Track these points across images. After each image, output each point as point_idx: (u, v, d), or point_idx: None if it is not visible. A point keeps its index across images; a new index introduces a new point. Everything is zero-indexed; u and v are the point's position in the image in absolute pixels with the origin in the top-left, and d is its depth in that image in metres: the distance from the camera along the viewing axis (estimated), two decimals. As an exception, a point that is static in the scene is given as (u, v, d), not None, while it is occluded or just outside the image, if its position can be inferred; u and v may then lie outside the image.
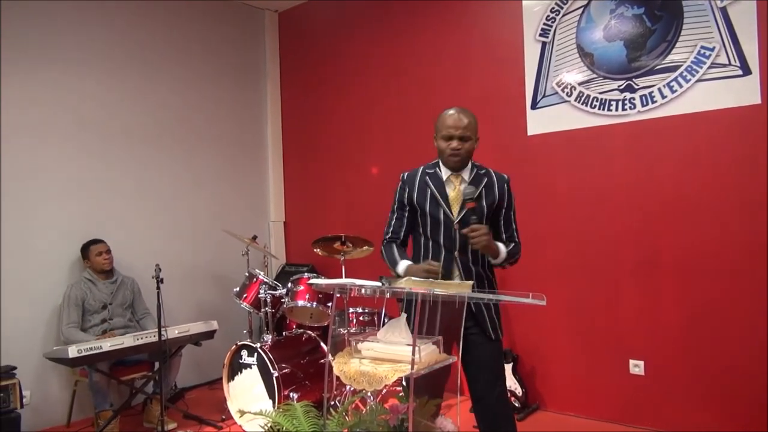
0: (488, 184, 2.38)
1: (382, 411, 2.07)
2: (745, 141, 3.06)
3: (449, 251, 2.33)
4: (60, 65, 3.95)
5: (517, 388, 3.65)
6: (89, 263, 3.82)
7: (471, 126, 2.33)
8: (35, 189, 3.82)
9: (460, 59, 4.15)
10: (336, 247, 3.81)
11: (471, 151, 2.36)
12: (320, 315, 3.88)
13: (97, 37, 4.16)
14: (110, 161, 4.20)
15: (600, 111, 3.52)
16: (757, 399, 3.01)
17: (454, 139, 2.31)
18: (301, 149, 5.28)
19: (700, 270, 3.20)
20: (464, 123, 2.31)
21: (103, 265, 3.81)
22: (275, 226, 5.31)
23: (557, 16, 3.68)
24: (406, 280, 1.97)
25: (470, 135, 2.33)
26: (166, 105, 4.56)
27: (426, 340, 1.95)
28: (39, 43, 3.86)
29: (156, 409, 3.61)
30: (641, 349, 3.40)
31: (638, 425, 3.40)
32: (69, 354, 3.06)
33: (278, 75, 5.39)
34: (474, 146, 2.37)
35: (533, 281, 3.75)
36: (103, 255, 3.82)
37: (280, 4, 5.27)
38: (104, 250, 3.84)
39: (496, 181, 2.40)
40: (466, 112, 2.35)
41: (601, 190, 3.55)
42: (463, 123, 2.31)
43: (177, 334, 3.46)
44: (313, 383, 3.58)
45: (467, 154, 2.35)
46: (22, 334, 3.67)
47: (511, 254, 2.37)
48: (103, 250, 3.83)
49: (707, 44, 3.14)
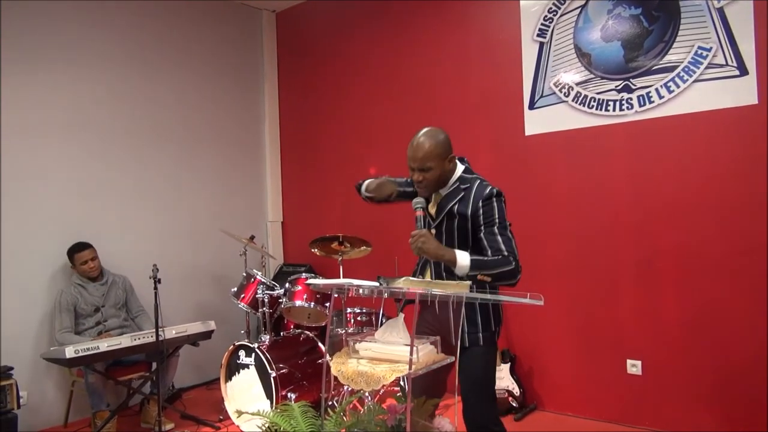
0: (463, 197, 2.24)
1: (379, 411, 2.07)
2: (743, 141, 3.07)
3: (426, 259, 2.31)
4: (58, 65, 3.95)
5: (515, 388, 3.66)
6: (75, 269, 3.76)
7: (430, 155, 2.20)
8: (32, 189, 3.81)
9: (458, 59, 4.15)
10: (334, 247, 3.81)
11: (438, 177, 2.24)
12: (318, 315, 3.88)
13: (95, 38, 4.15)
14: (107, 162, 4.19)
15: (597, 111, 3.53)
16: (755, 399, 3.01)
17: (415, 171, 2.24)
18: (299, 149, 5.28)
19: (697, 270, 3.21)
20: (420, 154, 2.20)
21: (90, 272, 3.73)
22: (273, 226, 5.31)
23: (555, 17, 3.69)
24: (403, 280, 1.97)
25: (430, 165, 2.20)
26: (163, 105, 4.55)
27: (424, 340, 1.96)
28: (38, 43, 3.85)
29: (153, 409, 3.61)
30: (639, 349, 3.41)
31: (636, 425, 3.41)
32: (66, 354, 3.05)
33: (276, 75, 5.39)
34: (441, 171, 2.24)
35: (531, 281, 3.72)
36: (89, 263, 3.71)
37: (277, 4, 5.27)
38: (89, 258, 3.72)
39: (473, 196, 2.23)
40: (427, 137, 2.23)
41: (598, 190, 3.55)
42: (419, 154, 2.21)
43: (174, 335, 3.45)
44: (311, 383, 3.58)
45: (433, 182, 2.25)
46: (19, 335, 3.66)
47: (484, 264, 2.12)
48: (89, 258, 3.71)
49: (704, 45, 3.14)
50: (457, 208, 2.24)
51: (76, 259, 3.72)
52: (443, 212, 2.25)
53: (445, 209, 2.26)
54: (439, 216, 2.28)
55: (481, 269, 2.11)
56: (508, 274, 2.13)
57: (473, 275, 2.09)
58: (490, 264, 2.13)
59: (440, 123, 3.64)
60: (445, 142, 2.25)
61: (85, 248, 3.74)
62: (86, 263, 3.71)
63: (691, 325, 3.23)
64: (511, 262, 2.13)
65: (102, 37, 4.18)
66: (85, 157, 4.07)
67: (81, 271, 3.73)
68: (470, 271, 2.10)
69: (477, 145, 4.01)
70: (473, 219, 2.22)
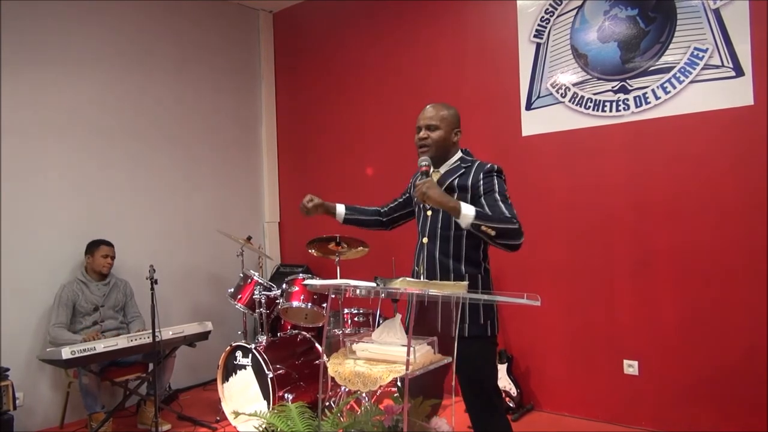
0: (464, 173, 2.26)
1: (376, 412, 2.07)
2: (738, 141, 3.08)
3: (421, 237, 2.35)
4: (57, 66, 3.94)
5: (512, 389, 3.66)
6: (91, 260, 3.80)
7: (438, 115, 2.29)
8: (31, 190, 3.80)
9: (455, 60, 4.16)
10: (331, 248, 3.81)
11: (441, 140, 2.29)
12: (315, 316, 3.88)
13: (93, 38, 4.14)
14: (104, 162, 4.18)
15: (594, 112, 3.53)
16: (752, 399, 3.02)
17: (421, 129, 2.32)
18: (296, 150, 5.28)
19: (694, 270, 3.22)
20: (430, 113, 2.30)
21: (103, 267, 3.79)
22: (270, 226, 5.31)
23: (552, 17, 3.69)
24: (401, 281, 1.97)
25: (437, 124, 2.28)
26: (160, 106, 4.55)
27: (421, 341, 1.96)
28: (37, 44, 3.84)
29: (150, 410, 3.60)
30: (636, 350, 3.41)
31: (632, 425, 3.42)
32: (63, 356, 3.04)
33: (273, 76, 5.38)
34: (446, 136, 2.29)
35: (528, 281, 3.77)
36: (108, 258, 3.81)
37: (274, 5, 5.27)
38: (110, 255, 3.83)
39: (474, 169, 2.26)
40: (439, 103, 2.34)
41: (595, 191, 3.56)
42: (429, 113, 2.31)
43: (171, 335, 3.45)
44: (308, 384, 3.57)
45: (436, 144, 2.28)
46: (15, 336, 3.65)
47: (489, 218, 2.08)
48: (110, 254, 3.83)
49: (700, 45, 3.15)
50: (458, 182, 2.25)
51: (98, 251, 3.80)
52: (443, 186, 2.24)
53: (445, 183, 2.27)
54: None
55: (486, 221, 2.07)
56: (513, 232, 2.09)
57: (477, 225, 2.06)
58: (495, 219, 2.09)
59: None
60: (455, 113, 2.34)
61: (109, 244, 3.86)
62: (106, 257, 3.81)
63: (688, 325, 3.24)
64: (515, 223, 2.10)
65: (99, 37, 4.18)
66: (82, 158, 4.06)
67: (97, 264, 3.78)
68: (474, 220, 2.05)
69: (474, 146, 3.96)
70: (473, 190, 2.21)
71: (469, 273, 2.23)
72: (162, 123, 4.56)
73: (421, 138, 2.31)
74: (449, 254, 2.25)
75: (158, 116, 4.54)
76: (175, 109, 4.65)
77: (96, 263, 3.79)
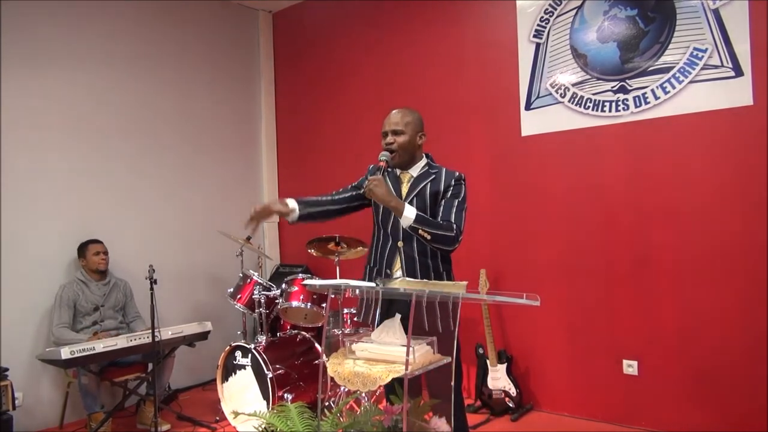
0: (435, 179, 2.43)
1: (376, 412, 2.07)
2: (738, 141, 3.08)
3: (394, 240, 2.44)
4: (56, 66, 3.93)
5: (511, 389, 3.66)
6: (85, 262, 3.81)
7: (403, 121, 2.42)
8: (30, 190, 3.80)
9: (455, 60, 4.16)
10: (330, 248, 3.81)
11: (407, 145, 2.43)
12: (315, 316, 3.88)
13: (93, 38, 4.14)
14: (104, 162, 4.18)
15: (593, 112, 3.54)
16: (750, 399, 3.02)
17: (388, 134, 2.44)
18: (295, 150, 5.28)
19: (693, 270, 3.22)
20: (395, 119, 2.43)
21: (99, 265, 3.80)
22: (269, 226, 5.30)
23: (551, 17, 3.70)
24: (400, 281, 1.97)
25: (402, 129, 2.41)
26: (160, 106, 4.54)
27: (420, 341, 1.96)
28: (36, 43, 3.84)
29: (149, 410, 3.60)
30: (635, 350, 3.42)
31: (632, 425, 3.42)
32: (62, 356, 3.04)
33: (272, 75, 5.38)
34: (411, 140, 2.43)
35: (527, 281, 3.76)
36: (101, 255, 3.82)
37: (274, 5, 5.27)
38: (102, 251, 3.84)
39: (444, 176, 2.44)
40: (403, 109, 2.47)
41: (594, 191, 3.56)
42: (394, 119, 2.43)
43: (171, 335, 3.45)
44: (308, 384, 3.57)
45: (402, 147, 2.42)
46: (15, 336, 3.64)
47: (428, 222, 2.29)
48: (101, 251, 3.83)
49: (700, 46, 3.15)
50: (430, 189, 2.42)
51: (90, 249, 3.80)
52: (415, 191, 2.41)
53: (417, 188, 2.43)
54: (410, 195, 2.42)
55: (424, 225, 2.28)
56: (447, 239, 2.31)
57: (415, 228, 2.27)
58: (434, 224, 2.31)
59: (436, 124, 3.66)
60: (418, 118, 2.49)
61: (98, 241, 3.87)
62: (98, 254, 3.81)
63: (687, 325, 3.24)
64: (453, 230, 2.32)
65: (99, 37, 4.17)
66: (81, 158, 4.05)
67: (92, 261, 3.79)
68: (414, 223, 2.27)
69: (473, 146, 4.02)
70: (444, 194, 2.41)
71: (446, 270, 2.42)
72: (161, 123, 4.55)
73: (388, 143, 2.45)
74: (427, 253, 2.41)
75: (157, 116, 4.53)
76: (175, 109, 4.65)
77: (90, 262, 3.79)
